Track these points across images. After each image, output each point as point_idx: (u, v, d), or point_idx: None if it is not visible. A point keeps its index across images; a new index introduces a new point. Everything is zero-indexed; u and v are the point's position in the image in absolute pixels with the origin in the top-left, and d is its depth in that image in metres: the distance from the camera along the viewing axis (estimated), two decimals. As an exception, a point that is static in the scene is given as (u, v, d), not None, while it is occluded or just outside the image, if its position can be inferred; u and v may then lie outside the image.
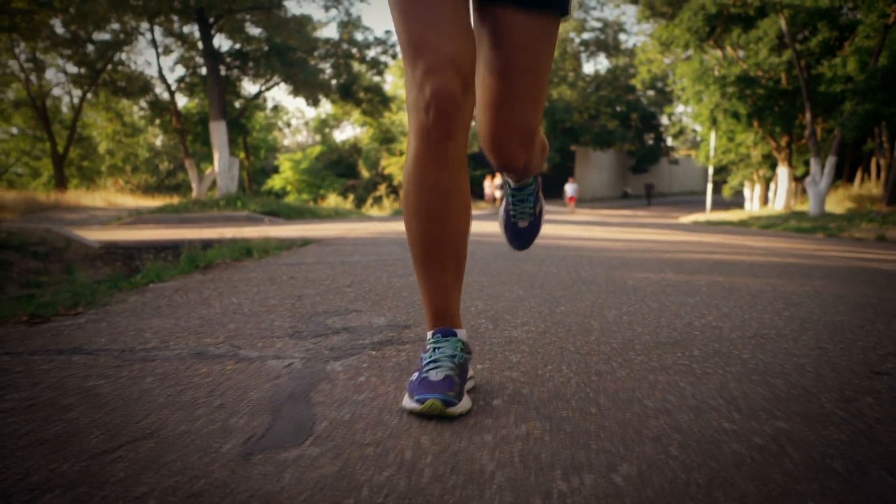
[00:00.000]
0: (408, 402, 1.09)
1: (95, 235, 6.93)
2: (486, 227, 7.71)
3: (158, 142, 32.38)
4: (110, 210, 13.51)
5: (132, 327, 1.79)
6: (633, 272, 3.07)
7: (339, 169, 34.30)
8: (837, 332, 1.77)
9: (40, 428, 1.03)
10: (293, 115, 45.24)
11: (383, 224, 8.68)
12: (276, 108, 24.61)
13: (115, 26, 16.72)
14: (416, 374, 1.15)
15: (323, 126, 41.47)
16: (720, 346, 1.59)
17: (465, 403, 1.10)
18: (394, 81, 36.09)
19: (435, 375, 1.11)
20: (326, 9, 16.91)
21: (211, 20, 14.60)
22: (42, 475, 0.86)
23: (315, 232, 6.48)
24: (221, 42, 16.77)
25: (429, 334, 1.20)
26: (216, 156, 14.02)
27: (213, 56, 14.78)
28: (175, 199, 16.79)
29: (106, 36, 17.43)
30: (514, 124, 1.20)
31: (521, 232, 1.54)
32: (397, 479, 0.85)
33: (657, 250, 4.47)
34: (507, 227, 1.57)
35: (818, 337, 1.71)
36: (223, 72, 16.52)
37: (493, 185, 22.97)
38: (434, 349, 1.16)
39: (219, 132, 14.02)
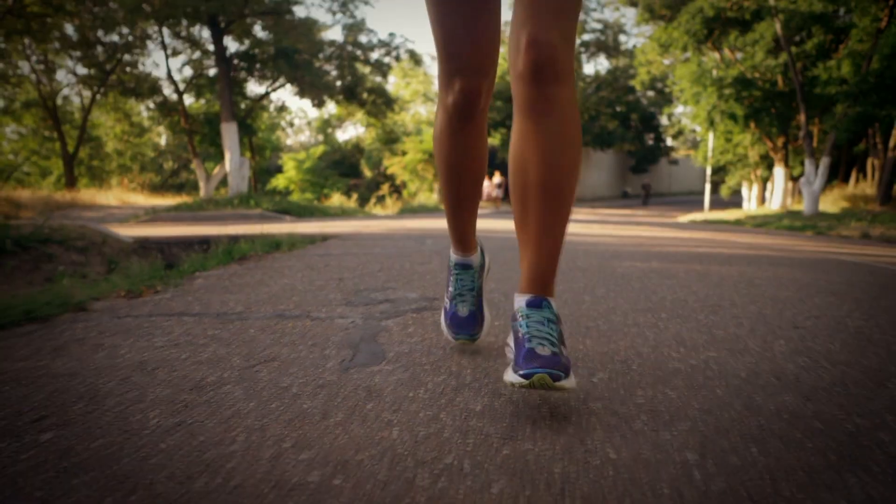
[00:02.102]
0: (446, 332, 1.49)
1: (122, 232, 7.37)
2: (489, 223, 8.16)
3: (163, 141, 32.81)
4: (125, 208, 13.96)
5: (215, 300, 2.23)
6: (622, 262, 3.51)
7: (341, 168, 34.70)
8: (779, 304, 2.21)
9: (193, 356, 1.47)
10: (296, 115, 45.74)
11: (392, 221, 9.12)
12: (281, 109, 25.03)
13: (125, 30, 17.14)
14: (448, 303, 1.50)
15: (325, 126, 41.87)
16: (683, 311, 2.03)
17: (486, 325, 1.50)
18: (396, 82, 36.54)
19: (462, 311, 1.46)
20: (333, 13, 17.31)
21: (222, 25, 15.04)
22: (214, 379, 1.30)
23: (331, 228, 6.92)
24: (228, 44, 17.16)
25: (452, 256, 1.52)
26: (227, 156, 14.48)
27: (224, 59, 15.22)
28: (181, 198, 17.25)
29: (116, 38, 17.86)
30: (550, 9, 1.07)
31: (546, 360, 1.04)
32: (449, 380, 1.29)
33: (647, 244, 4.91)
34: (518, 358, 1.08)
35: (763, 306, 2.15)
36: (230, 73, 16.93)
37: (491, 185, 23.41)
38: (457, 279, 1.49)
39: (230, 133, 14.47)
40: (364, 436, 0.99)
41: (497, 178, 23.35)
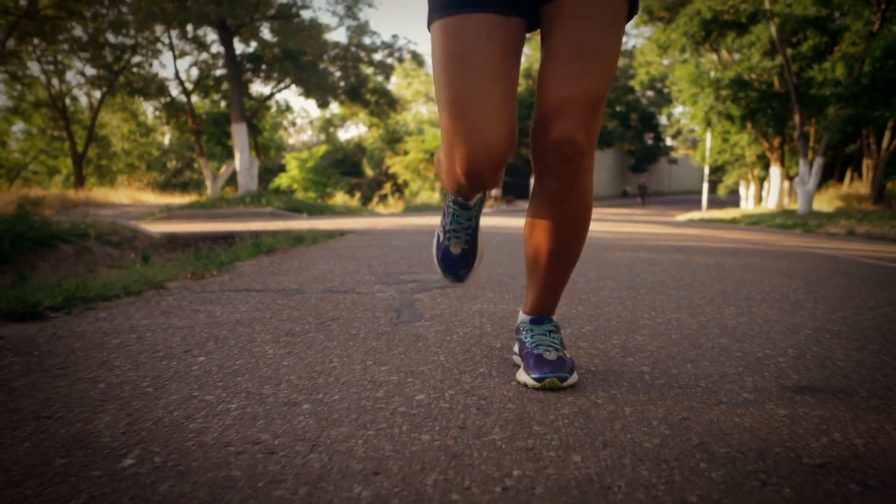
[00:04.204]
0: (438, 268, 1.49)
1: (148, 228, 7.80)
2: (492, 221, 8.60)
3: (166, 140, 33.24)
4: (138, 206, 14.39)
5: (269, 280, 2.66)
6: (614, 252, 3.95)
7: (343, 167, 35.13)
8: (741, 284, 2.64)
9: (275, 316, 1.90)
10: (298, 114, 46.19)
11: (400, 219, 9.56)
12: (287, 109, 25.46)
13: (133, 32, 17.54)
14: (443, 235, 1.46)
15: (327, 125, 42.29)
16: (659, 288, 2.46)
17: (478, 260, 1.47)
18: (398, 82, 36.98)
19: (454, 248, 1.45)
20: (340, 17, 17.75)
21: (232, 29, 15.48)
22: (299, 329, 1.73)
23: (344, 225, 7.36)
24: (235, 46, 17.56)
25: (449, 197, 1.44)
26: (237, 156, 14.92)
27: (234, 62, 15.66)
28: (189, 197, 17.70)
29: (128, 41, 18.27)
30: (575, 91, 1.07)
31: (551, 363, 1.23)
32: (474, 331, 1.72)
33: (638, 239, 5.34)
34: (527, 362, 1.26)
35: (726, 285, 2.58)
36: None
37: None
38: (454, 216, 1.43)
39: (240, 133, 14.92)
40: (420, 359, 1.43)
41: None
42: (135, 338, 1.63)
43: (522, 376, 1.25)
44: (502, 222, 8.69)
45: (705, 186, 24.25)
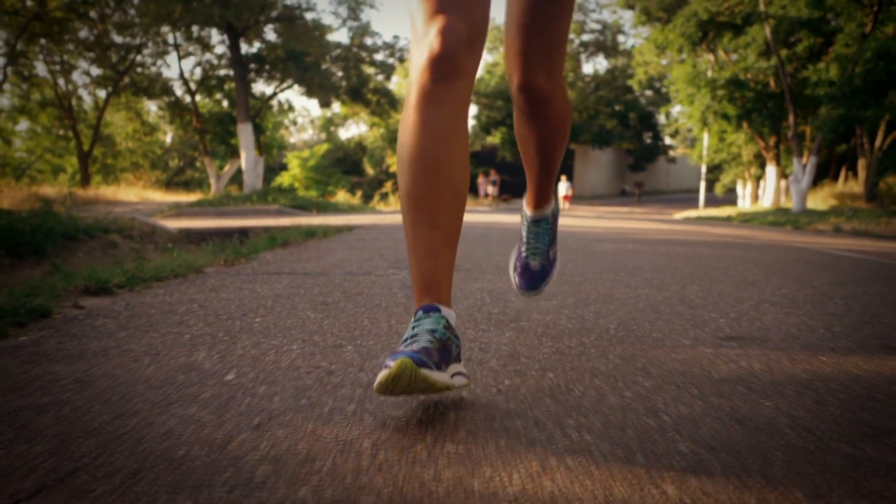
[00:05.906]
0: (378, 377, 0.93)
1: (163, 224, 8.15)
2: (492, 218, 8.96)
3: (168, 139, 33.58)
4: (147, 204, 14.74)
5: (295, 266, 3.01)
6: (603, 244, 4.31)
7: (344, 166, 35.47)
8: (710, 269, 3.00)
9: (308, 292, 2.25)
10: (299, 113, 46.58)
11: (402, 216, 9.93)
12: (289, 108, 25.82)
13: (140, 32, 17.88)
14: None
15: (328, 124, 42.61)
16: (637, 272, 2.82)
17: (445, 377, 0.96)
18: (398, 82, 37.34)
19: (409, 347, 0.99)
20: (344, 20, 18.11)
21: (239, 31, 15.83)
22: (331, 300, 2.09)
23: (351, 221, 7.71)
24: (240, 47, 17.90)
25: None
26: (243, 155, 15.29)
27: (240, 63, 16.01)
28: (194, 195, 18.07)
29: (131, 41, 18.61)
30: (537, 45, 1.28)
31: (532, 274, 1.56)
32: (476, 303, 2.08)
33: (628, 233, 5.70)
34: (516, 264, 1.63)
35: (696, 270, 2.94)
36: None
37: (486, 182, 24.20)
38: (413, 327, 1.06)
39: (245, 133, 15.28)
40: (433, 320, 1.78)
41: (493, 175, 24.11)
42: (197, 306, 1.98)
43: (512, 274, 1.67)
44: (501, 219, 9.05)
45: (702, 185, 24.60)
